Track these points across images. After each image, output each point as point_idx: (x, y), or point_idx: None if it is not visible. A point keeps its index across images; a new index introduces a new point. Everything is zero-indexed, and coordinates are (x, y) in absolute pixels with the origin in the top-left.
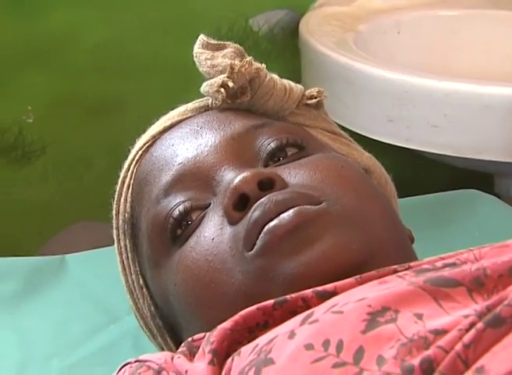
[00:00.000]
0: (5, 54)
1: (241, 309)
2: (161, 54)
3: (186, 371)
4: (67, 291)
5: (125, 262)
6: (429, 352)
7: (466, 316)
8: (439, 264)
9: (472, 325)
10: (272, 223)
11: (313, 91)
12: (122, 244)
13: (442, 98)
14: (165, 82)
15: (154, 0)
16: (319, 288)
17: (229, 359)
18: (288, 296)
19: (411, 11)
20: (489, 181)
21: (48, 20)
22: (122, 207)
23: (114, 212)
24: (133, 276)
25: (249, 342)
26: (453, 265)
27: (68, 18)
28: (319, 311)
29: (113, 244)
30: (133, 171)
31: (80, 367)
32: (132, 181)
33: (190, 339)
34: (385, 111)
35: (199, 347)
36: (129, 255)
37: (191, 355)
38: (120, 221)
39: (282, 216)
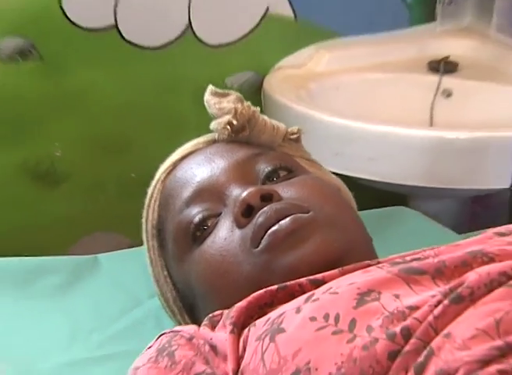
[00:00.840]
0: (40, 104)
1: (248, 294)
2: (161, 105)
3: (211, 338)
4: (101, 281)
5: (152, 257)
6: (407, 322)
7: (433, 296)
8: (408, 258)
9: (439, 302)
10: (274, 228)
11: (294, 129)
12: (150, 244)
13: (375, 138)
14: (163, 126)
15: (153, 64)
16: (311, 277)
17: (246, 330)
18: (288, 283)
19: (347, 74)
20: (405, 201)
21: (71, 78)
22: (150, 215)
23: (144, 219)
24: (159, 269)
25: (259, 317)
26: (419, 259)
27: (87, 76)
28: (319, 292)
29: (125, 247)
30: (159, 188)
31: (116, 339)
32: (158, 196)
33: (211, 315)
34: (332, 147)
35: (218, 321)
36: (156, 252)
37: (213, 327)
38: (149, 226)
39: (281, 222)
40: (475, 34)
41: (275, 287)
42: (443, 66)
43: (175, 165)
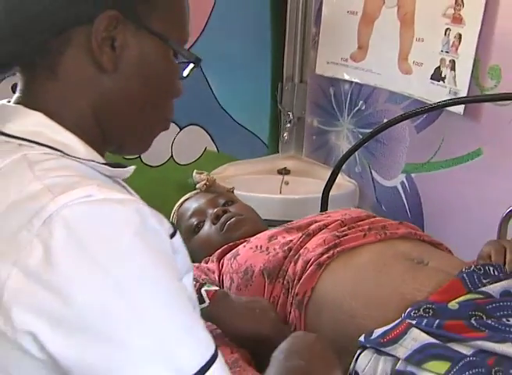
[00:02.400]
0: None
1: (219, 248)
2: (162, 193)
3: (207, 266)
4: None
5: None
6: (289, 244)
7: (298, 235)
8: (292, 224)
9: (301, 237)
10: (228, 222)
11: (232, 187)
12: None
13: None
14: None
15: (151, 171)
16: (242, 240)
17: (222, 260)
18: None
19: (243, 176)
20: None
21: None
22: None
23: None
24: None
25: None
26: (297, 224)
27: None
28: (250, 239)
29: None
30: (175, 212)
31: None
32: (175, 216)
33: (206, 259)
34: None
35: (208, 261)
36: None
37: (206, 262)
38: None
39: (231, 220)
40: (296, 157)
41: (231, 243)
42: (284, 171)
43: (182, 203)
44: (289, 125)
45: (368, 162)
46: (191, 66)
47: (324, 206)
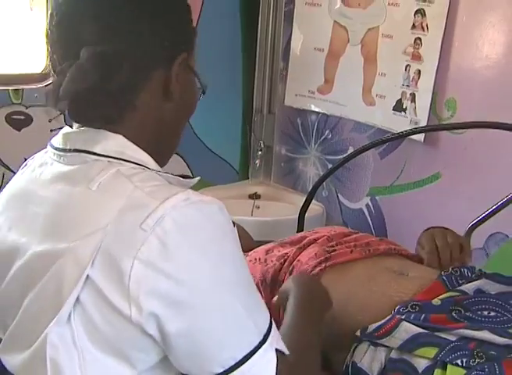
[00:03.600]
0: None
1: None
2: None
3: None
4: None
5: None
6: (284, 257)
7: (291, 249)
8: (286, 239)
9: (294, 250)
10: None
11: None
12: None
13: None
14: None
15: None
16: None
17: None
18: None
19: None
20: None
21: None
22: None
23: None
24: None
25: None
26: (289, 240)
27: None
28: (252, 252)
29: None
30: None
31: None
32: None
33: None
34: None
35: None
36: None
37: None
38: None
39: None
40: (265, 183)
41: None
42: (255, 196)
43: None
44: (260, 153)
45: (335, 187)
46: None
47: (300, 228)
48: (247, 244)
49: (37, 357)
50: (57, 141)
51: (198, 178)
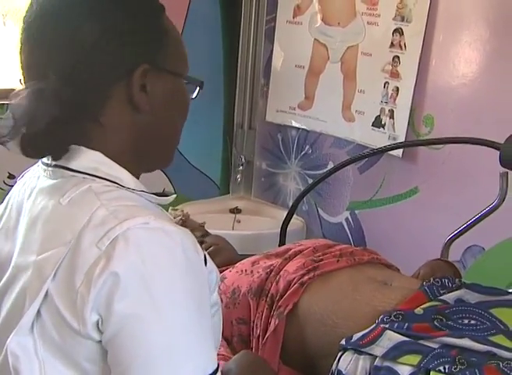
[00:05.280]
0: None
1: None
2: None
3: None
4: None
5: None
6: (270, 268)
7: (277, 260)
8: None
9: (279, 261)
10: (206, 251)
11: (203, 222)
12: None
13: None
14: None
15: None
16: (224, 268)
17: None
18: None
19: (197, 215)
20: None
21: None
22: None
23: None
24: None
25: None
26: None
27: None
28: (237, 265)
29: None
30: None
31: None
32: None
33: None
34: None
35: None
36: None
37: None
38: None
39: (210, 249)
40: (246, 198)
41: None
42: (236, 210)
43: None
44: (241, 167)
45: (315, 201)
46: (198, 88)
47: (282, 241)
48: (231, 256)
49: (5, 367)
50: None
51: (174, 196)
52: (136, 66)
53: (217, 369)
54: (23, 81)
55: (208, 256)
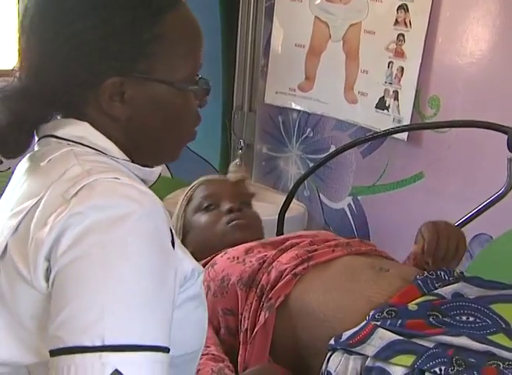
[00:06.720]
0: None
1: (212, 238)
2: None
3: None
4: None
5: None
6: (264, 258)
7: (272, 251)
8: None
9: (274, 252)
10: (237, 220)
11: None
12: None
13: None
14: None
15: None
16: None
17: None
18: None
19: None
20: None
21: None
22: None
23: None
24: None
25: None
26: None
27: None
28: (230, 250)
29: None
30: (196, 185)
31: None
32: (194, 188)
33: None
34: None
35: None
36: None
37: None
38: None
39: (241, 221)
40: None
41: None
42: None
43: (205, 181)
44: (240, 151)
45: (317, 186)
46: (204, 95)
47: (280, 228)
48: (255, 237)
49: None
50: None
51: (160, 168)
52: (105, 77)
53: (169, 350)
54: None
55: (178, 244)
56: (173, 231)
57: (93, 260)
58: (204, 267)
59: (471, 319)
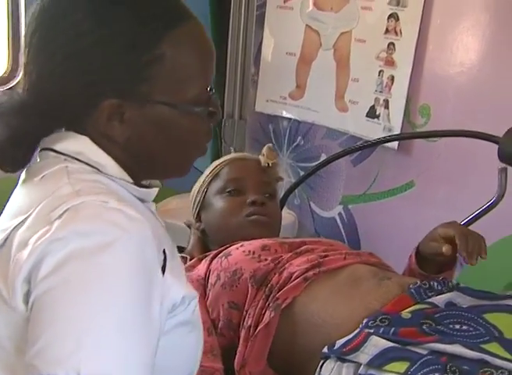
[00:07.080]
0: None
1: (227, 223)
2: None
3: (199, 275)
4: None
5: (201, 188)
6: (279, 259)
7: (287, 253)
8: (286, 240)
9: (293, 254)
10: (258, 216)
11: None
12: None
13: None
14: None
15: None
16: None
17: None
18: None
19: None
20: None
21: None
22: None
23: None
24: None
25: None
26: (291, 241)
27: None
28: (246, 244)
29: None
30: (225, 162)
31: None
32: (222, 164)
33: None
34: None
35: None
36: (204, 187)
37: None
38: (207, 178)
39: (262, 217)
40: None
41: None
42: None
43: (236, 159)
44: None
45: (307, 195)
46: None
47: None
48: (271, 235)
49: None
50: None
51: (156, 189)
52: (104, 98)
53: None
54: None
55: (172, 266)
56: (167, 253)
57: (72, 289)
58: (217, 255)
59: (465, 327)
